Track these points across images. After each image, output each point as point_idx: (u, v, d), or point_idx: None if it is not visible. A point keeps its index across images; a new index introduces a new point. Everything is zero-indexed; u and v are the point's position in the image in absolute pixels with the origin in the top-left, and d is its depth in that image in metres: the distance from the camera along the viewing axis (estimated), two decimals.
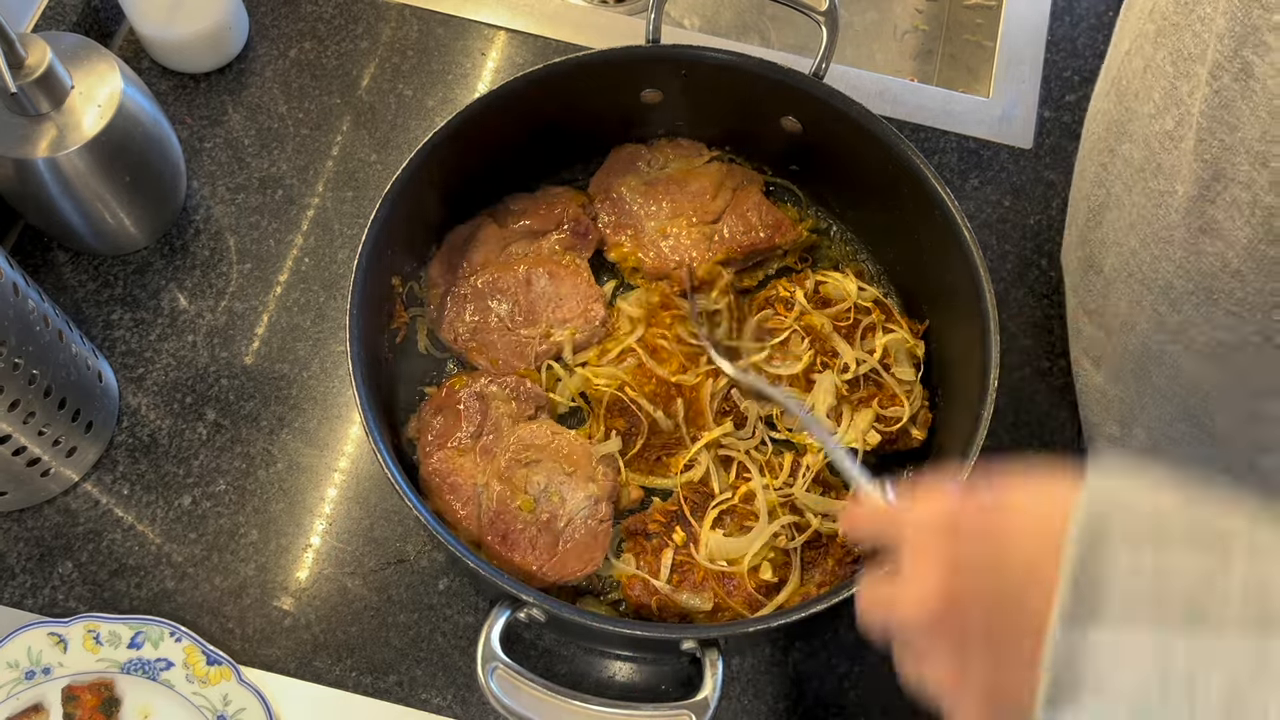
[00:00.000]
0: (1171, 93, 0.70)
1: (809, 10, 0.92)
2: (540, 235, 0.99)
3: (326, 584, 0.90)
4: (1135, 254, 0.76)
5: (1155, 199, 0.73)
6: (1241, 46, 0.61)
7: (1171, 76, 0.70)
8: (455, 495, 0.87)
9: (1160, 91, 0.72)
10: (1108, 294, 0.83)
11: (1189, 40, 0.68)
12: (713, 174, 1.03)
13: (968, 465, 0.78)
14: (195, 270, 1.01)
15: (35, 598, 0.88)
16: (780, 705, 0.88)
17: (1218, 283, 0.69)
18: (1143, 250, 0.75)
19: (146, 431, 0.95)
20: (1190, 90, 0.68)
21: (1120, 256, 0.79)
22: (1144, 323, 0.78)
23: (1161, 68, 0.71)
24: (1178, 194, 0.70)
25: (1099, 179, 0.83)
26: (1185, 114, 0.68)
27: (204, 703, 0.84)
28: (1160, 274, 0.74)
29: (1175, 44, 0.69)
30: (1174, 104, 0.70)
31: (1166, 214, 0.72)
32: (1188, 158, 0.68)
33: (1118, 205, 0.79)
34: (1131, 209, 0.77)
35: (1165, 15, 0.71)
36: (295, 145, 1.07)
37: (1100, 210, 0.83)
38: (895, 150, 0.90)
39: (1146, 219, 0.74)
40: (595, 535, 0.87)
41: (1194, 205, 0.68)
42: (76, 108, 0.88)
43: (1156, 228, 0.73)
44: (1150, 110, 0.73)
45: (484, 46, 1.15)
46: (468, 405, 0.90)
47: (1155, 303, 0.75)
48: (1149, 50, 0.74)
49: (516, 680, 0.71)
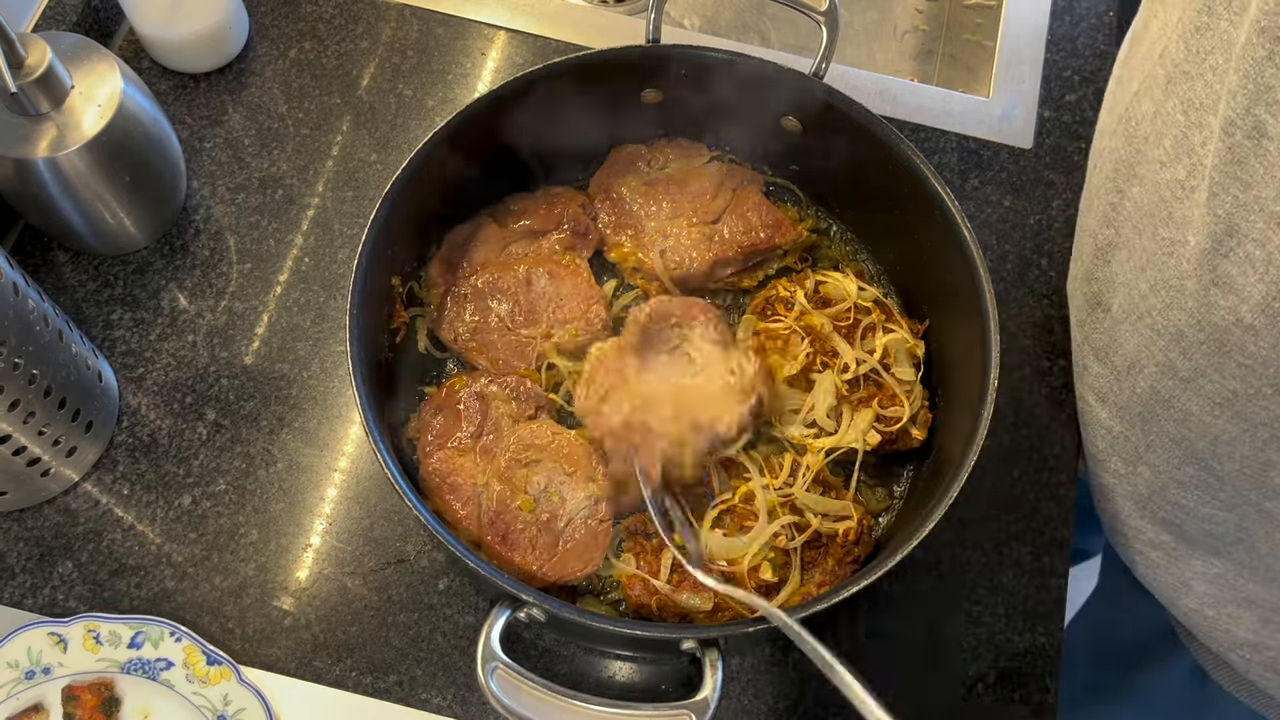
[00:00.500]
0: (1183, 141, 0.70)
1: (809, 10, 0.92)
2: (540, 235, 0.99)
3: (326, 584, 0.90)
4: (1145, 298, 0.76)
5: (1166, 246, 0.73)
6: (1254, 104, 0.60)
7: (1183, 125, 0.69)
8: (455, 495, 0.87)
9: (1171, 139, 0.71)
10: (1115, 334, 0.82)
11: (1200, 90, 0.67)
12: (713, 174, 1.03)
13: (967, 465, 0.78)
14: (195, 270, 1.01)
15: (35, 597, 0.88)
16: (780, 705, 0.88)
17: (1230, 336, 0.69)
18: (1153, 295, 0.75)
19: (146, 431, 0.95)
20: (1203, 141, 0.67)
21: (1129, 298, 0.79)
22: (1152, 366, 0.78)
23: (1173, 115, 0.71)
24: (1189, 244, 0.69)
25: (1107, 218, 0.82)
26: (1197, 164, 0.68)
27: (204, 703, 0.84)
28: (1171, 321, 0.73)
29: (1187, 92, 0.69)
30: (1186, 153, 0.69)
31: (1178, 263, 0.71)
32: (1200, 209, 0.67)
33: (1127, 246, 0.79)
34: (1142, 253, 0.76)
35: (1176, 62, 0.71)
36: (295, 145, 1.07)
37: (1109, 249, 0.83)
38: (895, 150, 0.90)
39: (1157, 265, 0.74)
40: (595, 535, 0.87)
41: (1206, 258, 0.68)
42: (76, 108, 0.88)
43: (1168, 275, 0.73)
44: (1161, 157, 0.72)
45: (484, 46, 1.15)
46: (468, 405, 0.90)
47: (1166, 348, 0.75)
48: (1159, 95, 0.73)
49: (516, 680, 0.71)
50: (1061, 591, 0.93)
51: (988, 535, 0.95)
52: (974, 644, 0.91)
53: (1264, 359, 0.67)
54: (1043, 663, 0.91)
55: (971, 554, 0.94)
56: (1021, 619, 0.92)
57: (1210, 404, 0.74)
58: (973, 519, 0.95)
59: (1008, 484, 0.97)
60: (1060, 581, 0.93)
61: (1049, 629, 0.92)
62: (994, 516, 0.95)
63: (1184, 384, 0.75)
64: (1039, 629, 0.92)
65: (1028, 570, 0.94)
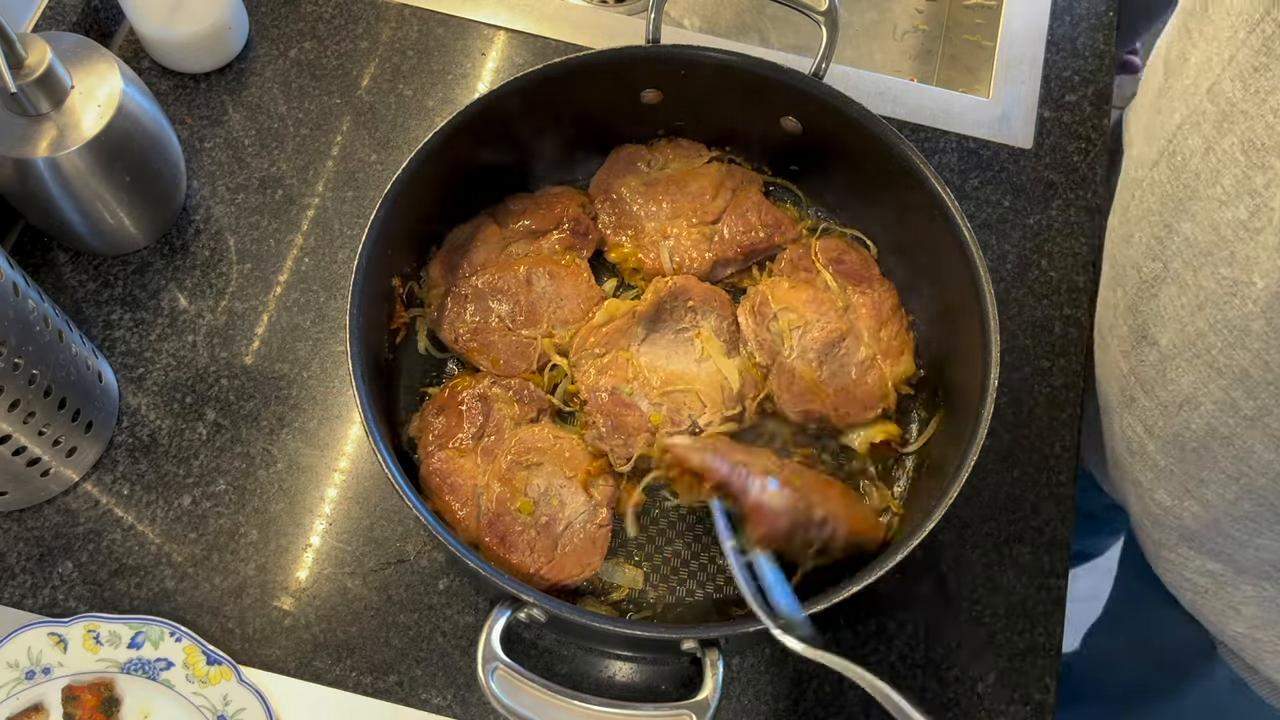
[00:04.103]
0: (1245, 182, 0.69)
1: (809, 10, 0.92)
2: (540, 235, 0.99)
3: (326, 584, 0.90)
4: (1203, 336, 0.75)
5: (1228, 286, 0.72)
6: None
7: (1244, 166, 0.69)
8: (455, 496, 0.87)
9: (1231, 179, 0.70)
10: (1164, 369, 0.81)
11: (1261, 131, 0.67)
12: (713, 174, 1.03)
13: (967, 465, 0.78)
14: (195, 270, 1.01)
15: (35, 598, 0.88)
16: (780, 705, 0.88)
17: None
18: (1212, 334, 0.74)
19: (146, 431, 0.95)
20: (1267, 183, 0.66)
21: (1183, 336, 0.78)
22: (1210, 404, 0.77)
23: (1230, 154, 0.70)
24: (1256, 286, 0.68)
25: (1153, 252, 0.81)
26: (1262, 205, 0.67)
27: (204, 703, 0.84)
28: (1235, 361, 0.73)
29: (1245, 132, 0.68)
30: (1248, 194, 0.69)
31: (1243, 304, 0.70)
32: (1269, 251, 0.66)
33: (1178, 282, 0.78)
34: (1198, 291, 0.75)
35: (1231, 100, 0.70)
36: (295, 145, 1.07)
37: (1155, 283, 0.82)
38: (895, 150, 0.90)
39: (1217, 304, 0.73)
40: (594, 540, 0.87)
41: (1276, 301, 0.67)
42: (76, 107, 0.88)
43: (1230, 315, 0.72)
44: (1219, 195, 0.72)
45: (484, 46, 1.15)
46: (470, 406, 0.90)
47: (1228, 387, 0.74)
48: (1210, 132, 0.73)
49: (517, 681, 0.71)
50: (1061, 591, 0.93)
51: (988, 535, 0.95)
52: (974, 644, 0.91)
53: None
54: (1043, 663, 0.91)
55: (971, 554, 0.94)
56: (1021, 619, 0.92)
57: (1275, 442, 0.73)
58: (973, 519, 0.95)
59: (1008, 484, 0.97)
60: (1060, 581, 0.93)
61: (1049, 629, 0.92)
62: (994, 516, 0.95)
63: (1248, 423, 0.74)
64: (1039, 629, 0.92)
65: (1028, 570, 0.94)
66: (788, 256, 0.99)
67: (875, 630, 0.91)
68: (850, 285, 0.98)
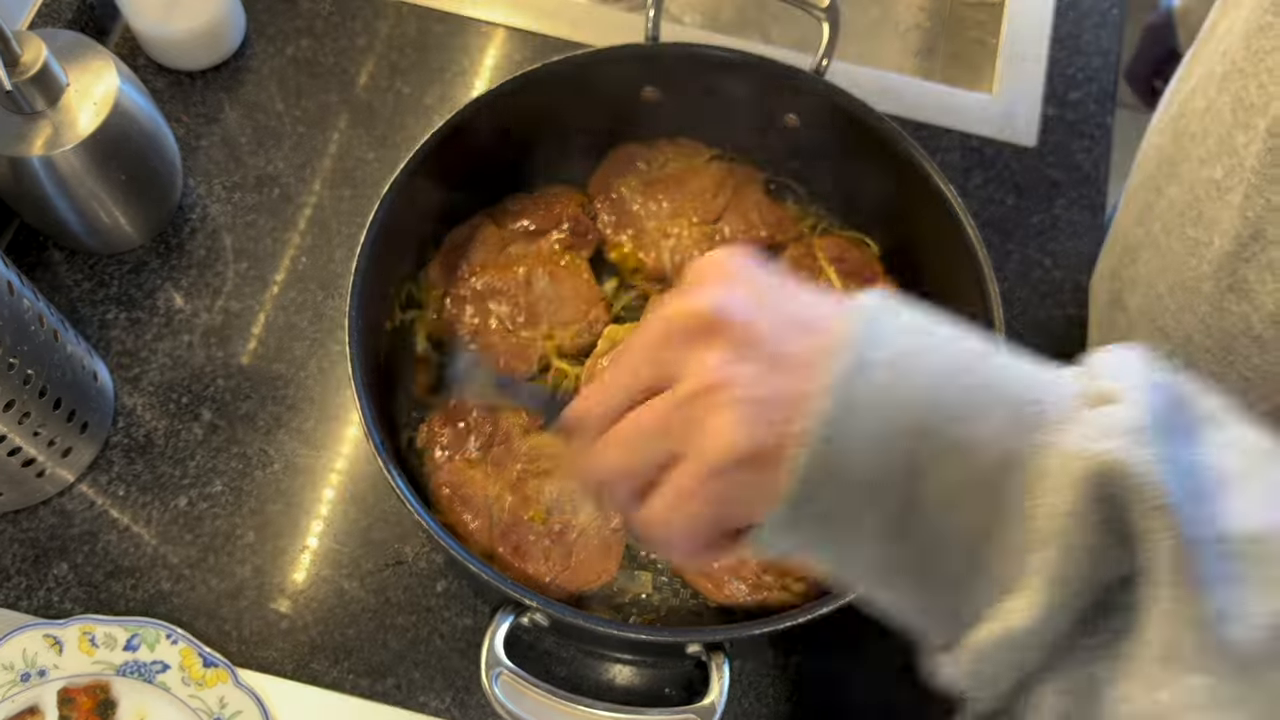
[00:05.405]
0: (1226, 140, 0.67)
1: (810, 7, 0.92)
2: (540, 235, 0.99)
3: (324, 586, 0.90)
4: (1161, 299, 0.74)
5: (1191, 247, 0.71)
6: None
7: (1229, 124, 0.67)
8: (467, 507, 0.86)
9: (1215, 137, 0.69)
10: (1129, 335, 0.80)
11: (1253, 89, 0.65)
12: (713, 173, 1.02)
13: None
14: (191, 269, 1.01)
15: (30, 599, 0.88)
16: (783, 709, 0.88)
17: (1237, 344, 0.67)
18: (1169, 297, 0.73)
19: (142, 432, 0.94)
20: (1246, 142, 0.65)
21: (1146, 299, 0.77)
22: None
23: (1221, 113, 0.69)
24: (1214, 246, 0.67)
25: (1140, 217, 0.80)
26: (1237, 165, 0.66)
27: (200, 705, 0.84)
28: (1182, 325, 0.71)
29: (1238, 90, 0.67)
30: (1227, 152, 0.67)
31: (1199, 264, 0.69)
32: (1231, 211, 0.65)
33: (1154, 246, 0.77)
34: (1167, 253, 0.74)
35: (1234, 60, 0.68)
36: (292, 143, 1.07)
37: (1136, 249, 0.81)
38: (897, 148, 0.89)
39: (1177, 266, 0.72)
40: (609, 545, 0.86)
41: (1227, 260, 0.66)
42: (72, 105, 0.87)
43: (1186, 277, 0.71)
44: (1202, 154, 0.70)
45: (482, 44, 1.14)
46: (478, 415, 0.89)
47: (1172, 353, 0.73)
48: (1212, 92, 0.71)
49: (522, 686, 0.71)
50: None
51: None
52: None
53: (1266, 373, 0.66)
54: None
55: None
56: None
57: None
58: None
59: None
60: None
61: None
62: None
63: None
64: None
65: None
66: (790, 255, 0.98)
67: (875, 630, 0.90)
68: (853, 284, 0.97)
